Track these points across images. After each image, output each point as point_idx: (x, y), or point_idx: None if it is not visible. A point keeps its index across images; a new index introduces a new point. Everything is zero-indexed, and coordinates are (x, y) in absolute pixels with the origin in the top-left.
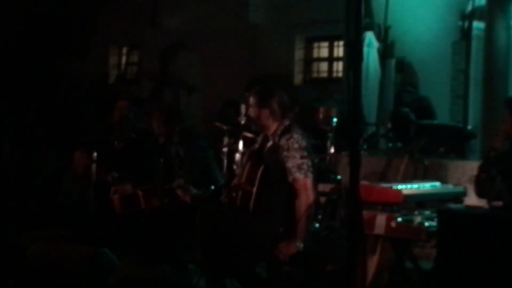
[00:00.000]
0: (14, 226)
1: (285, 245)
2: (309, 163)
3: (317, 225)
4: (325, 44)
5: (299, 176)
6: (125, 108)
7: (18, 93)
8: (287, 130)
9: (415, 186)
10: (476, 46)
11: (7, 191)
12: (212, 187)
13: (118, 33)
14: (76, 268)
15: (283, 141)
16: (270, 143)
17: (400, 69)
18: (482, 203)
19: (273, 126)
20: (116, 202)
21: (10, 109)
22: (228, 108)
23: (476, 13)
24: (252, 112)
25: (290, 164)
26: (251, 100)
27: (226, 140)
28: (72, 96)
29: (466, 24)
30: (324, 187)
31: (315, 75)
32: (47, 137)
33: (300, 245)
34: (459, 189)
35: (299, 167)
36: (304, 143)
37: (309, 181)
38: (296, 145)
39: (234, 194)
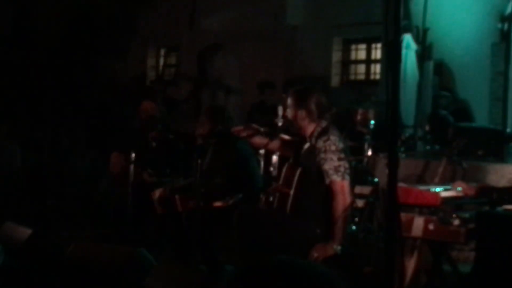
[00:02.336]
0: (53, 225)
1: (322, 247)
2: (346, 165)
3: (354, 227)
4: (362, 46)
5: (336, 178)
6: (150, 109)
7: (58, 93)
8: (324, 132)
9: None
10: None
11: (46, 191)
12: (240, 195)
13: (156, 34)
14: (114, 268)
15: (320, 143)
16: (307, 145)
17: (438, 71)
18: None
19: (310, 127)
20: (156, 202)
21: (50, 109)
22: (257, 109)
23: None
24: (290, 113)
25: (327, 166)
26: (289, 100)
27: None
28: (110, 97)
29: (506, 26)
30: (361, 189)
31: (352, 77)
32: (86, 137)
33: (337, 247)
34: None
35: (336, 169)
36: (341, 145)
37: (346, 183)
38: (333, 147)
39: (271, 197)
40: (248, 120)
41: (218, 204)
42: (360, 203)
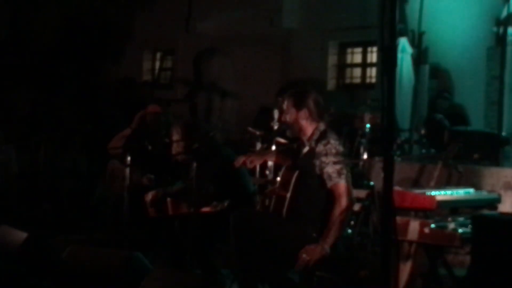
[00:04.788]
0: (49, 229)
1: (312, 248)
2: (345, 169)
3: (349, 231)
4: (358, 49)
5: (339, 181)
6: (157, 112)
7: (54, 97)
8: (323, 136)
9: (449, 192)
10: (511, 52)
11: (42, 194)
12: (227, 201)
13: (152, 38)
14: (110, 272)
15: (320, 147)
16: (306, 149)
17: (434, 75)
18: None
19: (310, 128)
20: (148, 205)
21: (46, 113)
22: (263, 113)
23: (511, 19)
24: (289, 115)
25: (330, 169)
26: (287, 103)
27: (259, 145)
28: (106, 101)
29: (501, 30)
30: (357, 193)
31: (348, 80)
32: (82, 141)
33: (327, 248)
34: (493, 195)
35: (339, 172)
36: (341, 149)
37: (349, 187)
38: (333, 150)
39: (267, 201)
40: (255, 123)
41: (206, 209)
42: (356, 206)
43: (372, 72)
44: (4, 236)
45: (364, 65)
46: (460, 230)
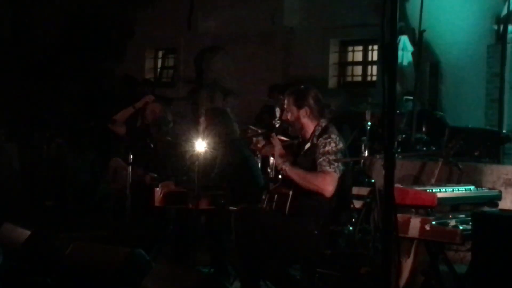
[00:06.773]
0: (52, 226)
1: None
2: (340, 165)
3: (351, 227)
4: (359, 47)
5: (328, 169)
6: (158, 111)
7: (57, 95)
8: (324, 131)
9: (449, 189)
10: (511, 49)
11: (45, 192)
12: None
13: (154, 36)
14: (112, 268)
15: (321, 140)
16: (307, 146)
17: (434, 72)
18: None
19: (311, 125)
20: (159, 193)
21: (48, 111)
22: (265, 112)
23: (511, 17)
24: (290, 113)
25: (322, 159)
26: (288, 101)
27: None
28: (108, 99)
29: (501, 27)
30: (358, 190)
31: (349, 78)
32: (85, 139)
33: (287, 166)
34: (494, 192)
35: (330, 162)
36: (340, 145)
37: (335, 176)
38: (333, 144)
39: (271, 198)
40: (256, 121)
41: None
42: (357, 204)
43: (373, 70)
44: (8, 234)
45: (365, 63)
46: (460, 227)
